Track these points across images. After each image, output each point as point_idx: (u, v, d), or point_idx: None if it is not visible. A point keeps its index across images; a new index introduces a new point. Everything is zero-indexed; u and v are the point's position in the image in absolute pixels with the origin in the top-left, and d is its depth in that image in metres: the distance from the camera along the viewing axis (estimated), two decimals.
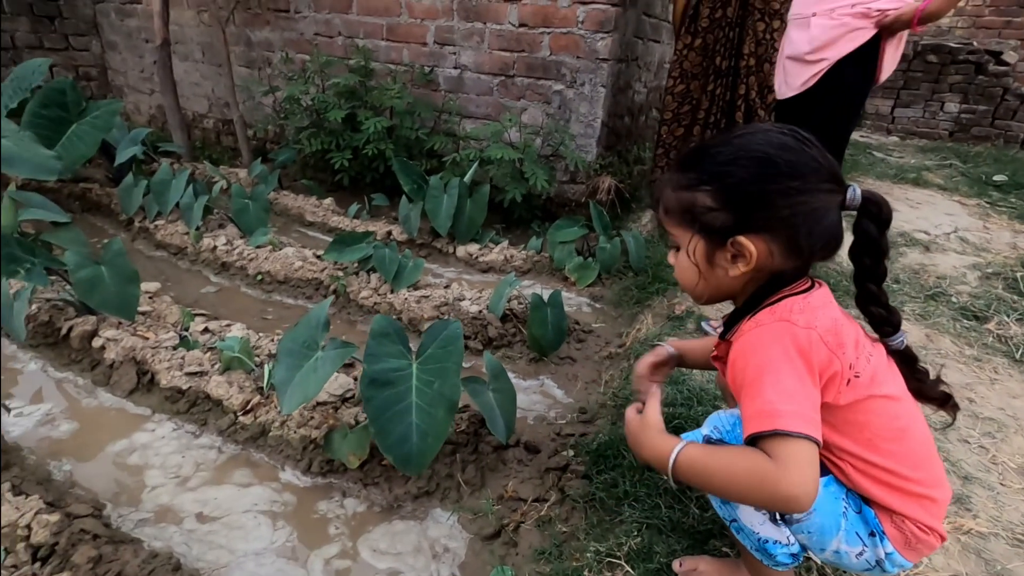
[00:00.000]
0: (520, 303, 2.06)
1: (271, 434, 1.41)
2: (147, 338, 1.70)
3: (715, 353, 0.86)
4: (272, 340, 1.74)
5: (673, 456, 0.74)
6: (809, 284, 0.77)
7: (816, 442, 0.66)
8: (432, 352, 1.20)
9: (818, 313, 0.72)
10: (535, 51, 2.79)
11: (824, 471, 0.77)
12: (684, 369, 1.46)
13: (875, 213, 0.73)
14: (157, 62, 3.52)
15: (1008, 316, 1.91)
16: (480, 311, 1.98)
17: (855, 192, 0.72)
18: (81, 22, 4.37)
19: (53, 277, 1.82)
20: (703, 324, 1.80)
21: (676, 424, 1.36)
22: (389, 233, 2.76)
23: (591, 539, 1.10)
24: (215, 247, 2.46)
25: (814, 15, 1.73)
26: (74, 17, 4.33)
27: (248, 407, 1.46)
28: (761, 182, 0.71)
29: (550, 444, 1.41)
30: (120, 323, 1.76)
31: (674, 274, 0.84)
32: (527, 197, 2.80)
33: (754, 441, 0.68)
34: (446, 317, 1.96)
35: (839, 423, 0.73)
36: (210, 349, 1.67)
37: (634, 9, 2.78)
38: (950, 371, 1.67)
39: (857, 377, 0.71)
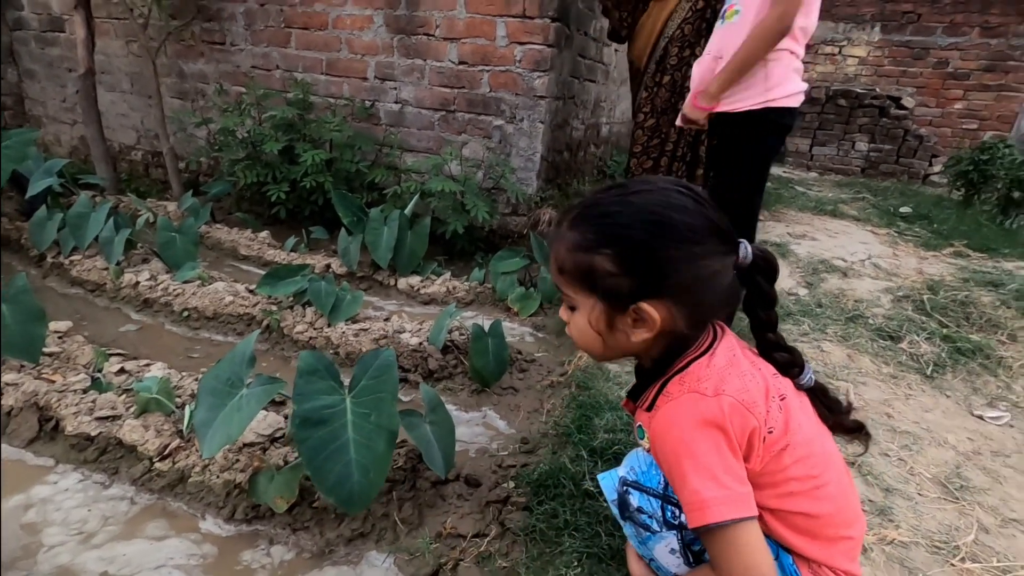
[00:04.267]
0: (462, 334, 2.03)
1: (191, 480, 1.31)
2: (53, 381, 1.56)
3: (637, 422, 0.85)
4: (196, 379, 1.63)
5: None
6: (712, 337, 0.77)
7: (751, 518, 0.67)
8: (366, 384, 1.15)
9: (725, 375, 0.71)
10: (475, 88, 2.86)
11: None
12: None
13: (765, 268, 0.75)
14: (80, 92, 3.36)
15: (918, 336, 2.05)
16: (420, 343, 1.94)
17: (747, 250, 0.73)
18: None
19: None
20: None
21: (616, 450, 1.36)
22: (328, 266, 2.69)
23: (531, 573, 1.07)
24: (137, 283, 2.32)
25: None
26: None
27: (166, 452, 1.35)
28: (663, 248, 0.70)
29: (491, 476, 1.38)
30: (22, 366, 1.61)
31: (569, 332, 0.82)
32: (469, 229, 2.82)
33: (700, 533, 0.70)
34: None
35: (758, 483, 0.72)
36: (125, 391, 1.55)
37: (569, 51, 2.90)
38: (870, 388, 1.77)
39: (771, 432, 0.71)
